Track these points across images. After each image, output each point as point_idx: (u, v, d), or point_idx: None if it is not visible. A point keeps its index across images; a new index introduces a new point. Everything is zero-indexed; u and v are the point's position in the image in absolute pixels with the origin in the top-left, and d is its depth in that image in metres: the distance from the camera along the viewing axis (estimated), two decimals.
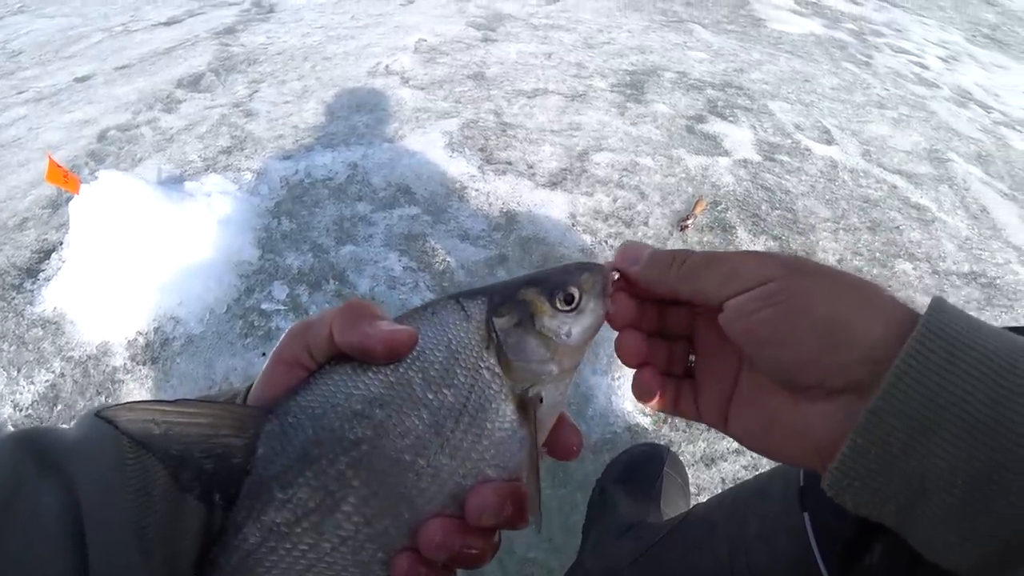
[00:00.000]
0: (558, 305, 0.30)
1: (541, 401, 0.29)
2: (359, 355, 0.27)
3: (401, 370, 0.28)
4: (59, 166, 1.21)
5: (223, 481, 0.26)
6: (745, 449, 1.06)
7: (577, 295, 0.30)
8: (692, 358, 0.35)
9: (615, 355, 0.35)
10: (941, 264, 1.58)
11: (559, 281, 0.30)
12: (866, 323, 0.25)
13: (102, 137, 1.88)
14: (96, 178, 1.27)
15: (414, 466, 0.26)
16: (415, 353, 0.28)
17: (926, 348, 0.23)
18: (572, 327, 0.30)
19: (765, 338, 0.27)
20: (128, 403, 0.25)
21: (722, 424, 0.32)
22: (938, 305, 0.25)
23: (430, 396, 0.27)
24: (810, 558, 0.44)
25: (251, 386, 0.30)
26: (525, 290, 0.30)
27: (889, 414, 0.23)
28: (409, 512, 0.26)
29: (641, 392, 0.34)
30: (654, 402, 0.34)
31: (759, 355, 0.28)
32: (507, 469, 0.28)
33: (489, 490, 0.27)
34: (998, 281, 1.55)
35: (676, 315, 0.35)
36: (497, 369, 0.29)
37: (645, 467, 0.91)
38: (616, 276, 0.33)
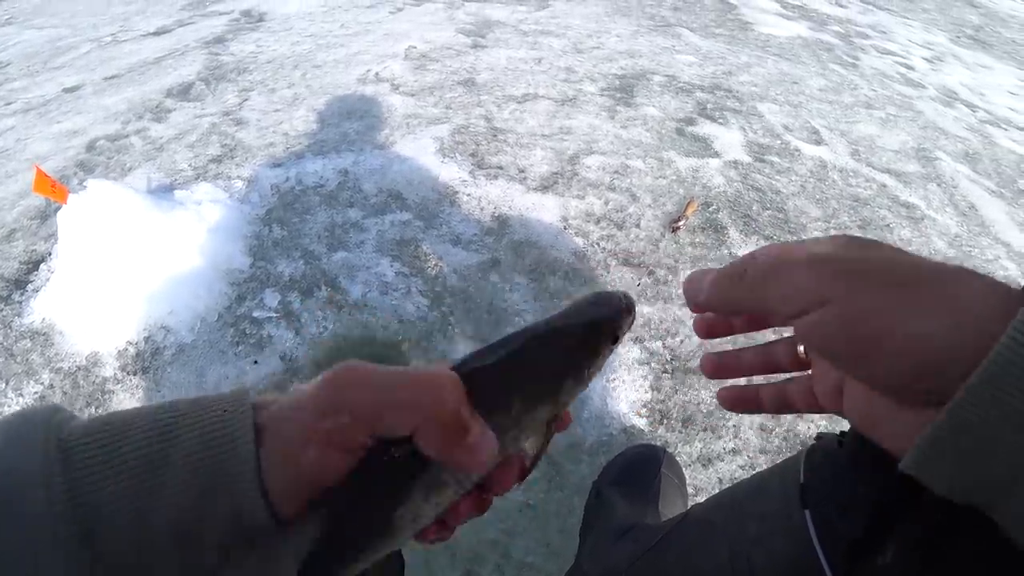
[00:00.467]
0: (610, 346, 0.32)
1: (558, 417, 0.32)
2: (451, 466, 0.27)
3: None
4: (46, 176, 1.20)
5: None
6: (741, 448, 1.06)
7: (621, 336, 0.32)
8: (801, 347, 0.34)
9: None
10: None
11: (618, 326, 0.32)
12: (952, 336, 0.22)
13: (91, 147, 1.87)
14: (85, 188, 1.26)
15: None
16: None
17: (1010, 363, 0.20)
18: (605, 361, 0.33)
19: (848, 359, 0.25)
20: None
21: (839, 411, 0.31)
22: None
23: None
24: (812, 556, 0.44)
25: (255, 434, 0.24)
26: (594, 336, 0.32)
27: (992, 387, 0.21)
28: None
29: (730, 407, 0.36)
30: (755, 409, 0.36)
31: (848, 371, 0.26)
32: None
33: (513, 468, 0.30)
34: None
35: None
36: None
37: (642, 469, 0.90)
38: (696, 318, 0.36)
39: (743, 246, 1.52)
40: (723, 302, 0.30)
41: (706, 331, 0.37)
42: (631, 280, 1.39)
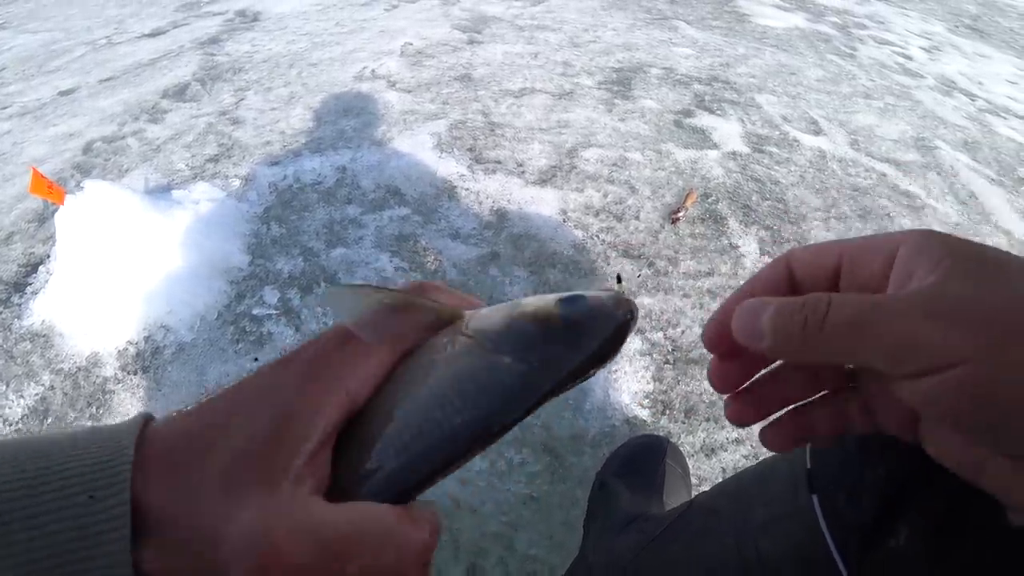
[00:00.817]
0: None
1: None
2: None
3: None
4: (43, 177, 1.19)
5: None
6: (745, 438, 1.06)
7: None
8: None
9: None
10: None
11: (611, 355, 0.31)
12: None
13: (87, 149, 1.86)
14: (82, 189, 1.26)
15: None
16: None
17: None
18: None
19: (969, 426, 0.20)
20: None
21: (912, 436, 0.26)
22: None
23: None
24: (821, 541, 0.43)
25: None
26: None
27: None
28: None
29: (779, 449, 0.28)
30: (807, 440, 0.28)
31: (970, 435, 0.21)
32: None
33: None
34: None
35: None
36: None
37: (645, 459, 0.90)
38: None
39: (743, 236, 1.52)
40: (794, 352, 0.22)
41: (730, 383, 0.28)
42: (631, 271, 1.38)
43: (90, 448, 0.19)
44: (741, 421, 0.28)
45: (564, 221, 1.51)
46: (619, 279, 0.29)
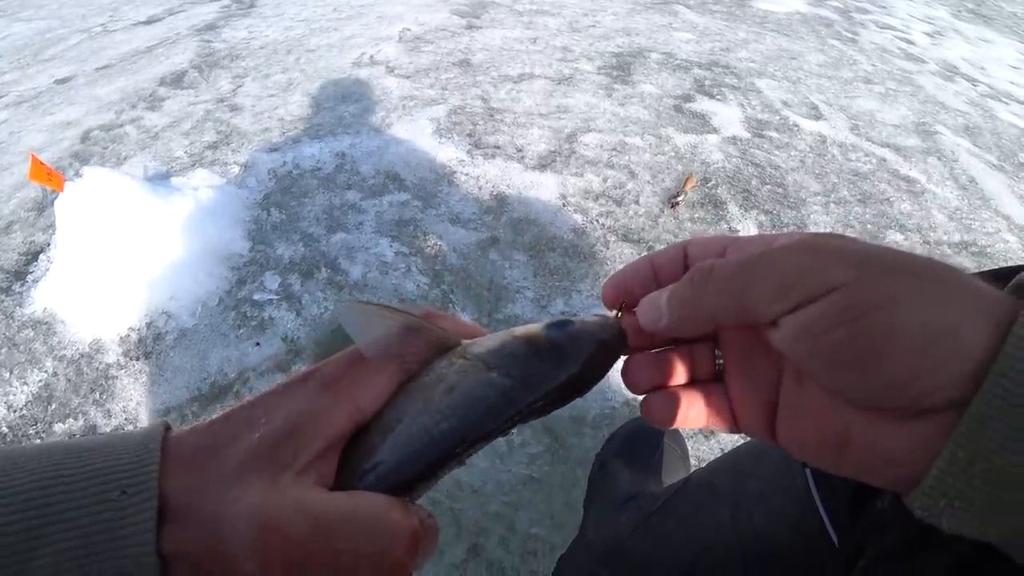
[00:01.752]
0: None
1: None
2: None
3: None
4: (42, 164, 1.19)
5: None
6: None
7: None
8: (720, 361, 0.29)
9: None
10: (932, 234, 1.58)
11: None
12: (968, 325, 0.20)
13: (85, 138, 1.85)
14: (81, 176, 1.25)
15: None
16: None
17: None
18: None
19: (842, 362, 0.21)
20: None
21: (768, 436, 0.27)
22: None
23: None
24: (814, 512, 0.44)
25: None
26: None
27: (997, 420, 0.19)
28: None
29: (659, 422, 0.29)
30: (685, 424, 0.29)
31: (835, 379, 0.22)
32: None
33: None
34: (989, 249, 1.56)
35: None
36: None
37: (644, 439, 0.91)
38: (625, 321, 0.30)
39: (742, 221, 1.52)
40: (691, 317, 0.25)
41: (646, 380, 0.30)
42: (631, 256, 1.39)
43: (122, 448, 0.21)
44: (635, 378, 0.30)
45: (564, 206, 1.51)
46: (621, 308, 0.30)
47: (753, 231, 1.49)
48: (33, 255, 1.41)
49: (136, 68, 2.28)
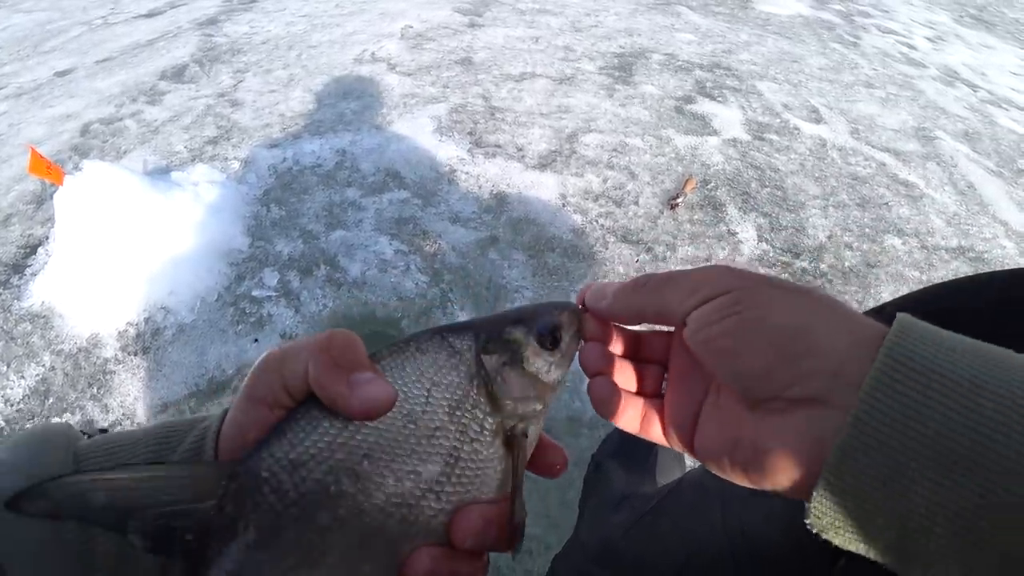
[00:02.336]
0: (545, 346, 0.31)
1: (525, 436, 0.29)
2: (333, 408, 0.25)
3: (388, 420, 0.26)
4: (41, 157, 1.19)
5: (184, 548, 0.23)
6: None
7: (561, 337, 0.31)
8: (665, 383, 0.35)
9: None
10: (930, 239, 1.59)
11: (545, 323, 0.31)
12: (828, 331, 0.24)
13: (85, 131, 1.85)
14: (80, 170, 1.25)
15: (401, 517, 0.25)
16: (403, 395, 0.26)
17: (891, 379, 0.22)
18: (554, 367, 0.31)
19: (725, 348, 0.26)
20: (59, 478, 0.22)
21: (687, 445, 0.31)
22: (904, 327, 0.23)
23: (421, 443, 0.26)
24: (801, 509, 0.44)
25: (225, 414, 0.28)
26: (512, 329, 0.30)
27: (861, 452, 0.22)
28: (394, 559, 0.25)
29: (598, 403, 0.33)
30: (620, 420, 0.33)
31: (720, 366, 0.27)
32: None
33: (475, 513, 0.26)
34: (986, 255, 1.56)
35: (651, 343, 0.35)
36: (487, 407, 0.28)
37: (639, 440, 0.91)
38: (586, 317, 0.34)
39: (741, 223, 1.52)
40: (626, 306, 0.31)
41: (597, 358, 0.35)
42: (629, 256, 1.39)
43: (194, 424, 0.30)
44: (591, 362, 0.34)
45: (563, 206, 1.51)
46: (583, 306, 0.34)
47: (752, 233, 1.50)
48: (32, 248, 1.41)
49: (137, 61, 2.28)
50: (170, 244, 1.27)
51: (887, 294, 1.34)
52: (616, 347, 0.35)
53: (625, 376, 0.35)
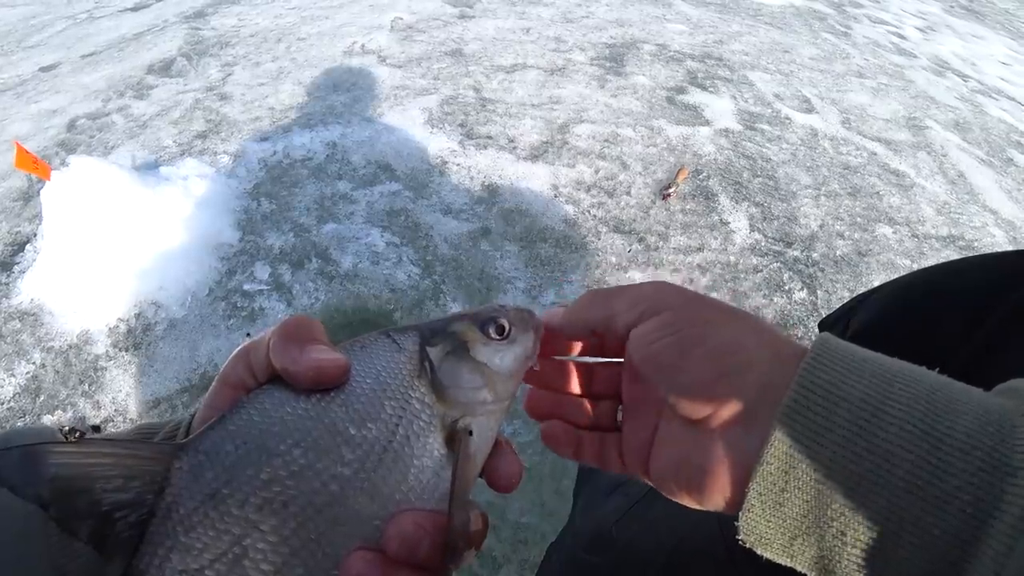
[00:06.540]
0: (491, 334, 0.31)
1: (471, 434, 0.28)
2: (287, 380, 0.26)
3: (324, 403, 0.26)
4: (28, 152, 1.17)
5: (124, 527, 0.23)
6: None
7: (507, 325, 0.32)
8: (620, 417, 0.35)
9: None
10: (920, 228, 1.60)
11: (489, 314, 0.32)
12: (757, 348, 0.26)
13: (71, 126, 1.83)
14: (67, 165, 1.24)
15: (332, 508, 0.25)
16: (343, 386, 0.27)
17: (802, 405, 0.23)
18: (504, 355, 0.31)
19: (665, 365, 0.27)
20: (6, 449, 0.22)
21: (644, 471, 0.32)
22: (819, 351, 0.25)
23: (353, 432, 0.26)
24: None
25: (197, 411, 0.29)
26: (457, 323, 0.31)
27: (779, 475, 0.23)
28: (325, 557, 0.24)
29: (551, 445, 0.34)
30: (576, 456, 0.34)
31: (662, 380, 0.28)
32: (431, 505, 0.27)
33: (407, 519, 0.25)
34: (976, 243, 1.57)
35: (603, 376, 0.36)
36: (428, 398, 0.28)
37: None
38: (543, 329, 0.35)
39: (733, 212, 1.53)
40: (575, 319, 0.33)
41: (542, 385, 0.36)
42: (622, 246, 1.39)
43: (173, 421, 0.30)
44: (537, 408, 0.36)
45: (555, 196, 1.51)
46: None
47: (744, 223, 1.50)
48: (19, 245, 1.40)
49: (123, 56, 2.25)
50: (160, 239, 1.26)
51: (878, 282, 1.34)
52: (572, 384, 0.36)
53: (580, 413, 0.36)
